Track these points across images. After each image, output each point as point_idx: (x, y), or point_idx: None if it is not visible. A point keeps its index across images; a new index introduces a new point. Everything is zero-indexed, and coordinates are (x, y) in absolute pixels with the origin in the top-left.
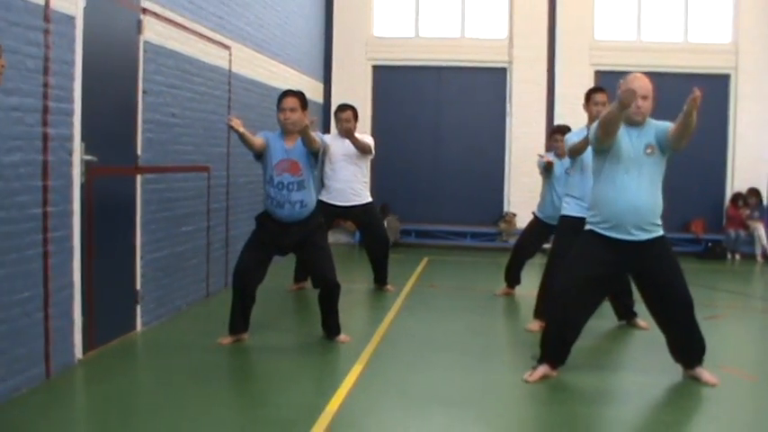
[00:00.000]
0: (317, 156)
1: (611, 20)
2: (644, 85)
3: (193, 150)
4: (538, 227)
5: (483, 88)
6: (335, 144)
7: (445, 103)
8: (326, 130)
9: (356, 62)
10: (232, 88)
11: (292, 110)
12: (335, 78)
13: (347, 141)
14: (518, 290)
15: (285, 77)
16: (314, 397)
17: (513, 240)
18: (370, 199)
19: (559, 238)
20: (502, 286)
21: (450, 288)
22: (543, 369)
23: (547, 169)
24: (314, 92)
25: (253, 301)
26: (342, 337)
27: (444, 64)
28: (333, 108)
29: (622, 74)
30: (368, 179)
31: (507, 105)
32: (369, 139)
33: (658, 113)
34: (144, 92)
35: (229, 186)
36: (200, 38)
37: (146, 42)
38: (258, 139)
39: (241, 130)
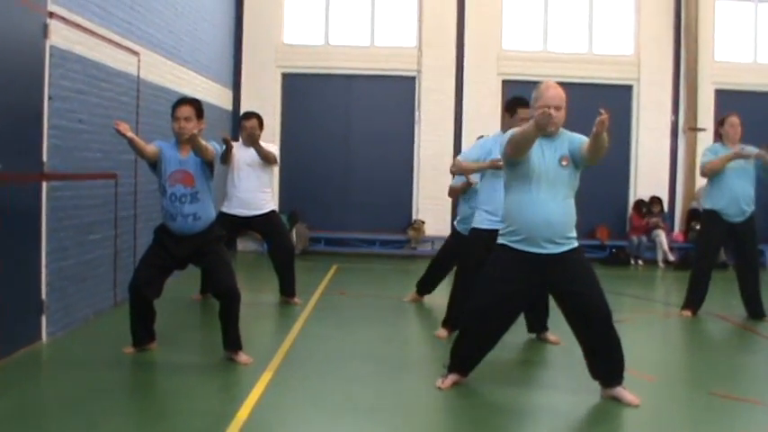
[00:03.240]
0: (212, 166)
1: (519, 30)
2: (557, 96)
3: (101, 157)
4: (453, 239)
5: (392, 96)
6: (240, 152)
7: (355, 111)
8: (235, 137)
9: (266, 69)
10: (141, 95)
11: (187, 119)
12: (245, 86)
13: (252, 150)
14: (426, 297)
15: (194, 84)
16: (223, 405)
17: (421, 248)
18: (273, 208)
19: (468, 250)
20: (411, 292)
21: (360, 295)
22: (454, 377)
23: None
24: (223, 99)
25: (153, 314)
26: (243, 357)
27: (354, 72)
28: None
29: (529, 83)
30: (271, 188)
31: (416, 114)
32: (273, 148)
33: (565, 125)
34: (50, 97)
35: (137, 194)
36: (109, 43)
37: (52, 47)
38: (150, 147)
39: (129, 134)
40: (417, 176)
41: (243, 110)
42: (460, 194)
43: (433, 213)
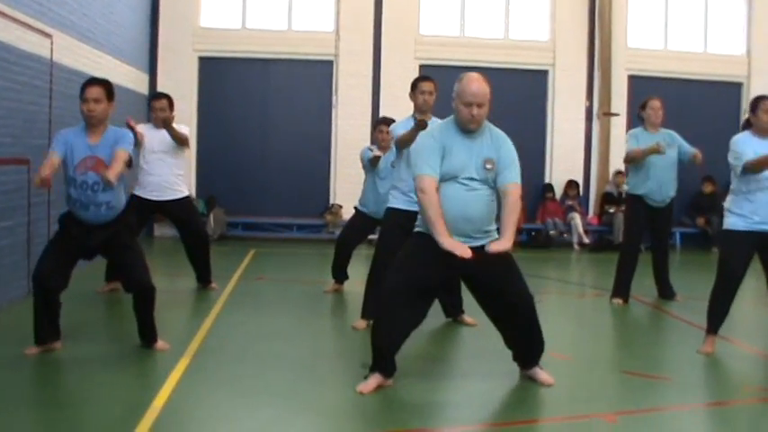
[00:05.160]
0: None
1: (436, 15)
2: (481, 92)
3: (12, 142)
4: (361, 221)
5: (309, 81)
6: (150, 135)
7: (272, 95)
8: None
9: (182, 53)
10: (54, 78)
11: (96, 100)
12: (161, 69)
13: (163, 132)
14: (347, 284)
15: (109, 68)
16: (138, 394)
17: (339, 232)
18: (186, 193)
19: (385, 232)
20: (330, 281)
21: (278, 280)
22: (376, 379)
23: (372, 163)
24: (138, 83)
25: (58, 307)
26: (159, 344)
27: (271, 56)
28: None
29: (446, 68)
30: (184, 172)
31: (333, 98)
32: (185, 129)
33: None
34: None
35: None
36: (19, 25)
37: None
38: (55, 160)
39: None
40: (335, 161)
41: None
42: (367, 173)
43: (351, 197)
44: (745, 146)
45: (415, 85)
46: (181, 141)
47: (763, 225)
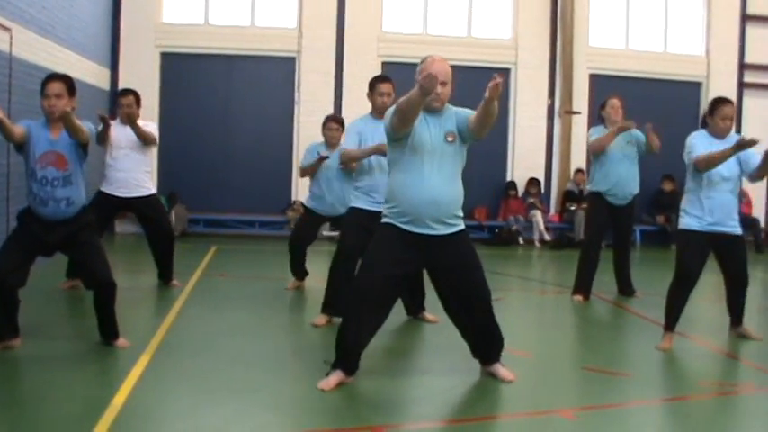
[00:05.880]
0: (85, 147)
1: (399, 12)
2: (443, 70)
3: None
4: (310, 219)
5: (272, 77)
6: (117, 131)
7: (235, 91)
8: (113, 117)
9: (144, 49)
10: (13, 73)
11: (58, 96)
12: (122, 65)
13: (129, 128)
14: (308, 280)
15: (70, 63)
16: (98, 391)
17: None
18: (153, 190)
19: (347, 231)
20: (291, 278)
21: (240, 277)
22: (338, 376)
23: (315, 165)
24: (100, 79)
25: (17, 304)
26: (120, 341)
27: (234, 52)
28: None
29: (409, 66)
30: (151, 169)
31: (296, 94)
32: (153, 127)
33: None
34: None
35: (10, 176)
36: None
37: None
38: (18, 128)
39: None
40: (297, 158)
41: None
42: (312, 173)
43: None
44: (699, 144)
45: (373, 86)
46: (145, 139)
47: (716, 226)
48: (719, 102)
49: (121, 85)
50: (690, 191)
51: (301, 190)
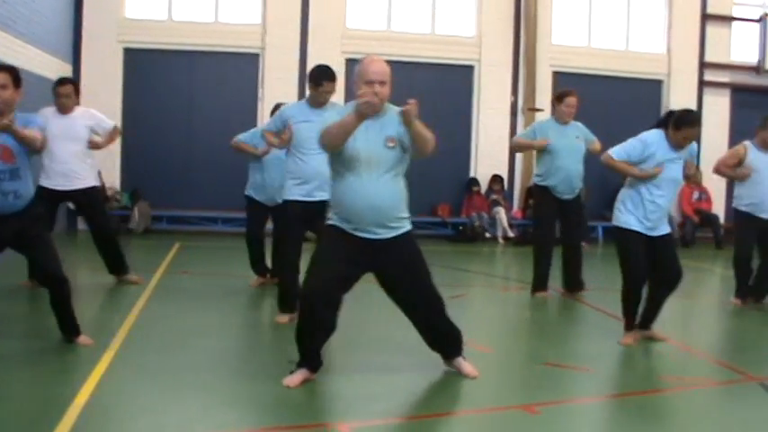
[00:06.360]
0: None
1: (364, 9)
2: (382, 71)
3: None
4: (257, 210)
5: (236, 73)
6: (54, 122)
7: (198, 87)
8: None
9: (107, 44)
10: None
11: (2, 87)
12: (85, 61)
13: (67, 118)
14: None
15: (30, 57)
16: (61, 389)
17: None
18: (94, 183)
19: (281, 223)
20: (254, 276)
21: (203, 274)
22: (302, 373)
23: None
24: (62, 74)
25: None
26: (82, 338)
27: (197, 48)
28: (81, 92)
29: None
30: (94, 160)
31: (260, 91)
32: (99, 119)
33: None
34: None
35: None
36: None
37: None
38: None
39: None
40: None
41: (83, 86)
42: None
43: None
44: (642, 148)
45: (318, 83)
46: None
47: (652, 231)
48: (689, 123)
49: (84, 80)
50: (631, 185)
51: None
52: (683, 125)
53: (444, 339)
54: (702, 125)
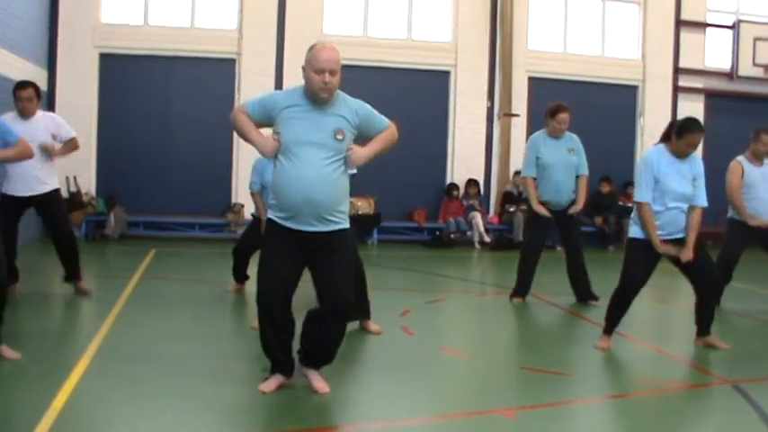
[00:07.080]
0: None
1: (340, 15)
2: (333, 59)
3: None
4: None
5: (212, 79)
6: (15, 126)
7: (175, 93)
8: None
9: (83, 49)
10: None
11: None
12: (60, 66)
13: (28, 122)
14: (248, 284)
15: (6, 63)
16: (37, 395)
17: (241, 231)
18: (56, 186)
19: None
20: (232, 281)
21: (180, 279)
22: (277, 379)
23: None
24: (37, 79)
25: None
26: (9, 353)
27: (174, 53)
28: (57, 97)
29: (349, 68)
30: (55, 164)
31: (236, 96)
32: (57, 123)
33: (385, 109)
34: None
35: None
36: None
37: None
38: None
39: None
40: (237, 160)
41: (58, 91)
42: None
43: None
44: (655, 166)
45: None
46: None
47: (666, 237)
48: (691, 129)
49: (59, 86)
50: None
51: (241, 192)
52: (686, 132)
53: (321, 349)
54: (705, 132)
